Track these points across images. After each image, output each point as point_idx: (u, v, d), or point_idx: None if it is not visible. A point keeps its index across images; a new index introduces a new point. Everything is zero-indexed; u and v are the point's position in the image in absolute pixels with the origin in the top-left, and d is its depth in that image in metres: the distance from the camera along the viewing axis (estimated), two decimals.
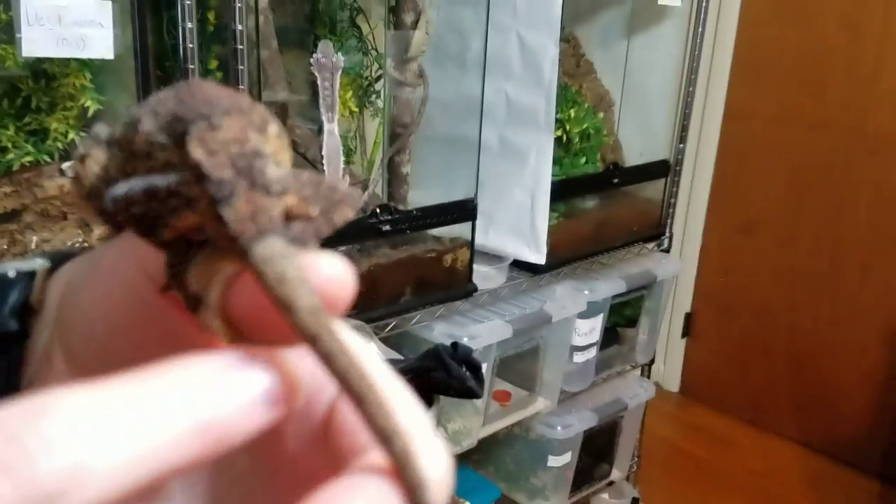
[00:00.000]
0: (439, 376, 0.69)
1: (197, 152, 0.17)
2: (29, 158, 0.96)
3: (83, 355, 0.22)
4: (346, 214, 0.18)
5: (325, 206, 0.18)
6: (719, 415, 2.28)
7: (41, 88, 0.97)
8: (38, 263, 0.24)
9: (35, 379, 0.23)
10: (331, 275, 0.16)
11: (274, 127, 0.18)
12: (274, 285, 0.16)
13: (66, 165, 0.99)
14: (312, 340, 0.15)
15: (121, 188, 0.19)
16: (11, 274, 0.24)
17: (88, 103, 0.98)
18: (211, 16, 1.07)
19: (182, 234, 0.18)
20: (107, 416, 0.14)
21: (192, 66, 0.98)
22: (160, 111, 0.19)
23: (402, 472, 0.16)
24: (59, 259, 0.25)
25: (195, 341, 0.20)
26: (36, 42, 0.91)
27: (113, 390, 0.15)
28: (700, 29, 1.54)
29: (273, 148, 0.18)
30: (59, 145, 0.98)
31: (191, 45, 0.99)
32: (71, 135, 0.98)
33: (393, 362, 0.92)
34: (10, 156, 0.95)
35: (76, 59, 0.95)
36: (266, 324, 0.17)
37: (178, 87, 0.20)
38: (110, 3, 0.93)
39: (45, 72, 0.96)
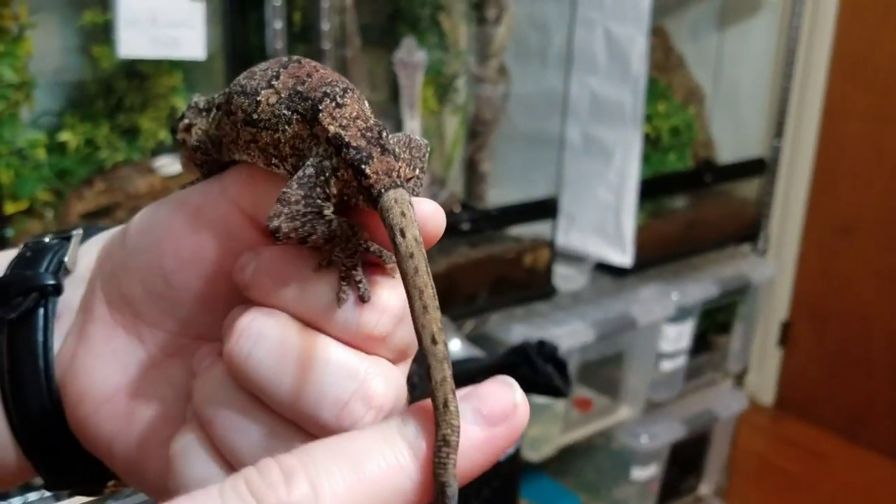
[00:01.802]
0: (525, 373, 0.67)
1: (333, 127, 0.22)
2: (121, 157, 0.99)
3: (136, 294, 0.26)
4: (425, 162, 0.25)
5: (419, 165, 0.24)
6: (816, 429, 2.16)
7: (134, 88, 0.99)
8: (74, 232, 0.29)
9: (72, 329, 0.27)
10: (427, 211, 0.23)
11: (366, 101, 0.24)
12: (395, 220, 0.21)
13: (157, 164, 1.01)
14: (409, 255, 0.21)
15: (285, 210, 0.23)
16: (47, 239, 0.29)
17: (180, 103, 1.00)
18: (297, 16, 1.08)
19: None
20: (331, 476, 0.19)
21: None
22: (279, 88, 0.24)
23: (438, 380, 0.20)
24: (90, 230, 0.29)
25: None
26: (132, 43, 0.93)
27: (331, 458, 0.20)
28: (795, 22, 1.47)
29: None
30: (150, 144, 1.00)
31: (278, 46, 1.00)
32: (161, 134, 1.00)
33: (475, 360, 0.90)
34: (104, 155, 0.98)
35: (168, 60, 0.97)
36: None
37: (283, 62, 0.24)
38: (202, 4, 0.95)
39: (138, 72, 0.99)
